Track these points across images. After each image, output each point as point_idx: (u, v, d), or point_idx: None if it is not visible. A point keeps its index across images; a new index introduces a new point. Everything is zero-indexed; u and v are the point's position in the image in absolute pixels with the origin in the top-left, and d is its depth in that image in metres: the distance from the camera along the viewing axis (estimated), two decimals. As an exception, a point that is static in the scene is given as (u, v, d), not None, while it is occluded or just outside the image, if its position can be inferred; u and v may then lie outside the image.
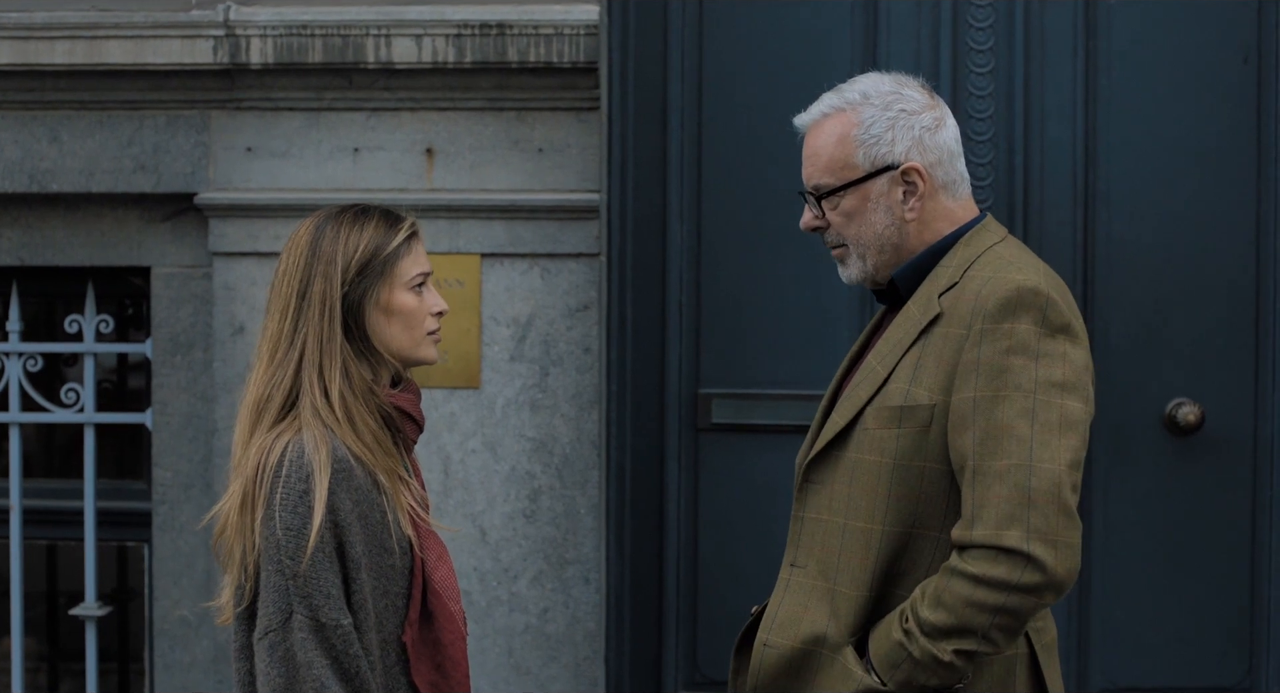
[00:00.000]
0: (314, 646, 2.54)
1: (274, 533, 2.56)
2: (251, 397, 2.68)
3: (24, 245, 4.79)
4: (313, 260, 2.69)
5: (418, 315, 2.74)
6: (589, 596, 4.56)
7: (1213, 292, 4.38)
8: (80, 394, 4.80)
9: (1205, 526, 4.40)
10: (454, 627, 2.71)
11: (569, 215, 4.52)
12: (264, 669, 2.58)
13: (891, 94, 2.78)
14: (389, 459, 2.67)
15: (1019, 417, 2.54)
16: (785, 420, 4.41)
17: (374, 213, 2.75)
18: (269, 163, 4.60)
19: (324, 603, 2.55)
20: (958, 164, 2.78)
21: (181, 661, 4.74)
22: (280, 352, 2.67)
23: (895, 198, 2.75)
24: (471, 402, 4.56)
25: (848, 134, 2.76)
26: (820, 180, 2.80)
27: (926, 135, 2.75)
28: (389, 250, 2.71)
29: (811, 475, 2.79)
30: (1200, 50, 4.36)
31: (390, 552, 2.65)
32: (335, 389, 2.64)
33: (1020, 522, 2.50)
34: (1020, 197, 4.35)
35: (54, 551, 5.32)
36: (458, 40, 4.46)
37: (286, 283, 2.70)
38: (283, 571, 2.55)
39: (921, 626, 2.56)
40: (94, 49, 4.55)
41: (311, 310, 2.67)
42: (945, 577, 2.55)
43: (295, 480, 2.56)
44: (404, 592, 2.68)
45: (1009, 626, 2.54)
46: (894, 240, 2.76)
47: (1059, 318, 2.60)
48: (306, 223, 2.76)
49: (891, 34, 4.35)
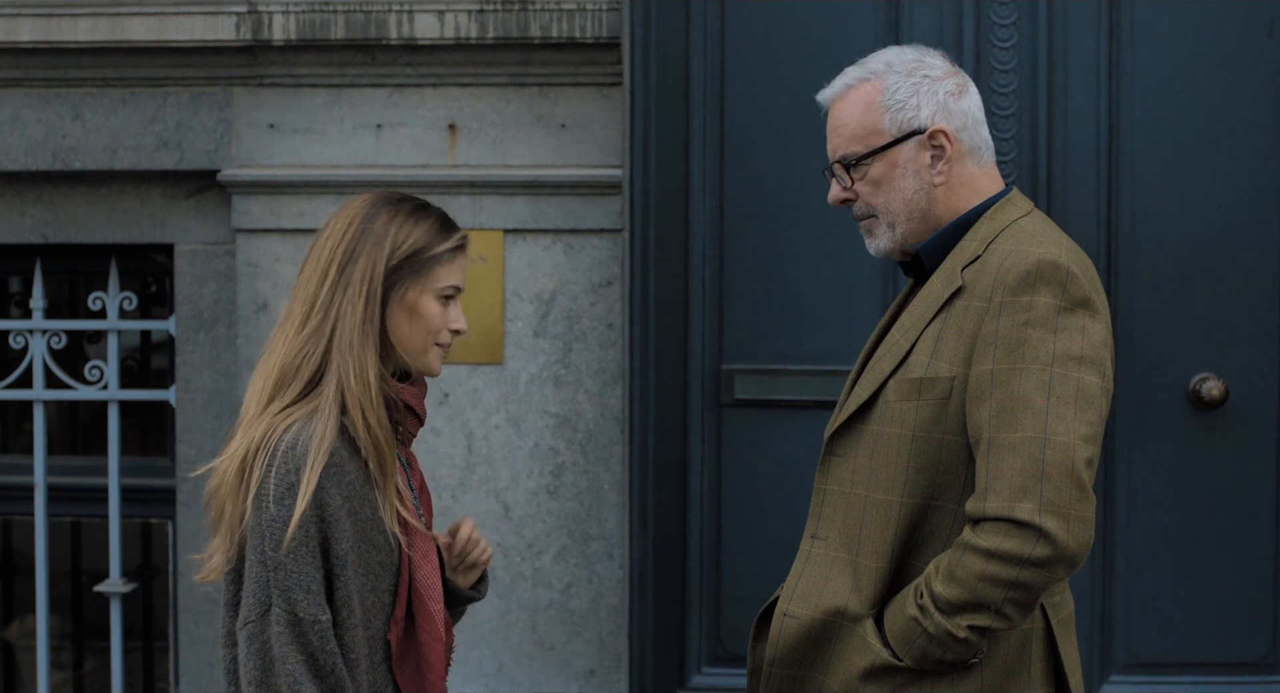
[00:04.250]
0: (289, 640, 2.52)
1: (260, 521, 2.54)
2: (280, 359, 2.64)
3: (47, 223, 4.80)
4: (364, 236, 2.66)
5: (436, 323, 2.70)
6: (612, 571, 4.57)
7: (1236, 265, 4.37)
8: (104, 371, 4.81)
9: (1228, 501, 4.40)
10: (431, 627, 2.68)
11: (592, 191, 4.52)
12: (243, 659, 2.56)
13: (914, 62, 2.80)
14: (390, 453, 2.64)
15: (1035, 389, 2.54)
16: (808, 396, 4.41)
17: (433, 213, 2.73)
18: (292, 139, 4.60)
19: (302, 597, 2.53)
20: (982, 130, 2.80)
21: (206, 637, 4.75)
22: (314, 320, 2.64)
23: (923, 162, 2.75)
24: (495, 378, 4.56)
25: (873, 101, 2.77)
26: (847, 150, 2.80)
27: (950, 100, 2.77)
28: (434, 252, 2.69)
29: (834, 448, 2.80)
30: (1223, 23, 4.34)
31: (379, 548, 2.63)
32: (373, 372, 2.61)
33: (1033, 494, 2.50)
34: (1044, 170, 4.33)
35: (78, 528, 5.35)
36: (480, 16, 4.46)
37: (331, 250, 2.67)
38: (264, 561, 2.54)
39: (936, 601, 2.56)
40: (117, 26, 4.56)
41: (351, 286, 2.63)
42: (958, 552, 2.56)
43: (287, 471, 2.54)
44: (391, 589, 2.66)
45: (1022, 600, 2.54)
46: (923, 206, 2.76)
47: (1079, 292, 2.60)
48: (365, 197, 2.73)
49: (915, 7, 4.34)
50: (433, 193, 4.48)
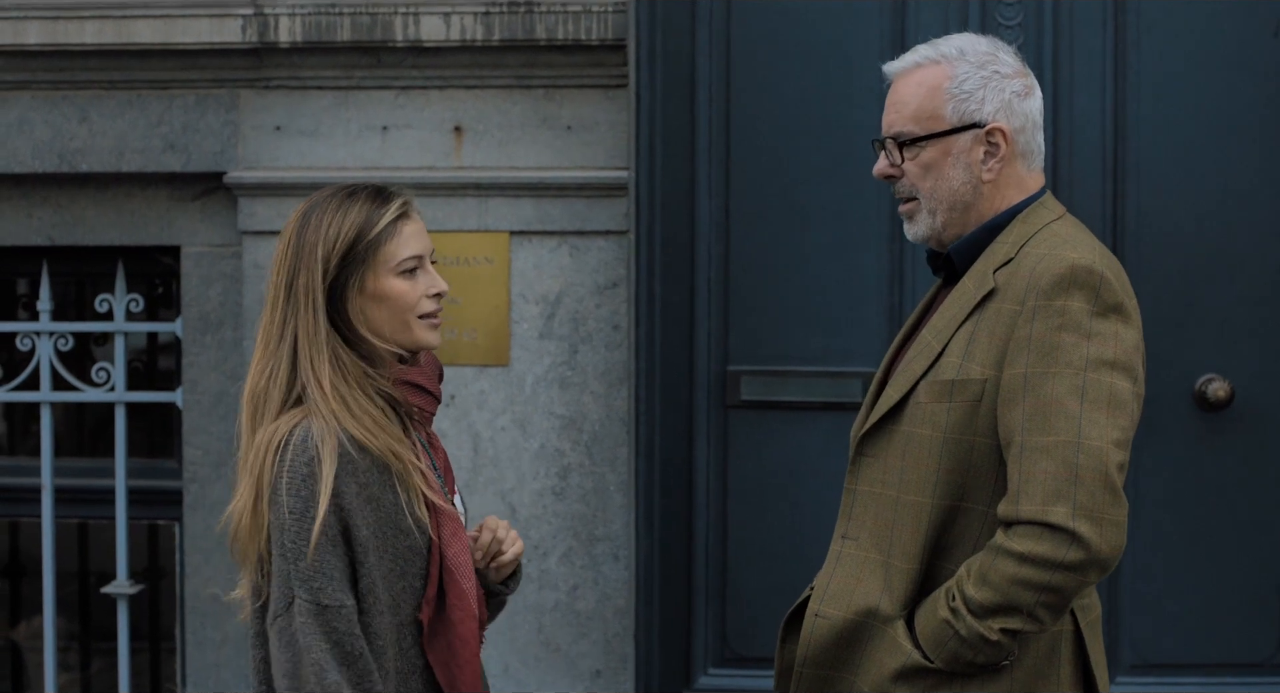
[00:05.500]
0: (314, 629, 2.53)
1: (279, 516, 2.55)
2: (249, 386, 2.66)
3: (54, 225, 4.81)
4: (298, 250, 2.65)
5: (406, 300, 2.68)
6: (618, 572, 4.57)
7: (1242, 266, 4.37)
8: (111, 373, 4.82)
9: (1234, 501, 4.40)
10: (464, 605, 2.68)
11: (597, 193, 4.52)
12: (274, 654, 2.58)
13: (987, 54, 2.78)
14: (394, 442, 2.63)
15: (1068, 394, 2.54)
16: (814, 397, 4.42)
17: (360, 195, 2.69)
18: (298, 141, 4.61)
19: (325, 585, 2.54)
20: (1038, 135, 2.80)
21: (213, 638, 4.75)
22: (272, 343, 2.65)
23: (976, 157, 2.75)
24: (501, 379, 4.57)
25: (939, 85, 2.76)
26: (904, 128, 2.79)
27: (1016, 100, 2.76)
28: (373, 235, 2.65)
29: (865, 449, 2.79)
30: (1229, 22, 4.34)
31: (406, 532, 2.63)
32: (326, 382, 2.61)
33: (1066, 498, 2.50)
34: (1049, 170, 4.31)
35: (85, 529, 5.35)
36: (486, 18, 4.47)
37: (276, 274, 2.67)
38: (285, 554, 2.55)
39: (968, 604, 2.56)
40: (123, 29, 4.57)
41: (297, 303, 2.64)
42: (991, 555, 2.56)
43: (299, 463, 2.55)
44: (421, 572, 2.66)
45: (1055, 603, 2.54)
46: (966, 199, 2.76)
47: (1112, 297, 2.60)
48: (299, 207, 2.71)
49: (921, 7, 4.34)
50: (438, 195, 4.49)
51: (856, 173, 4.24)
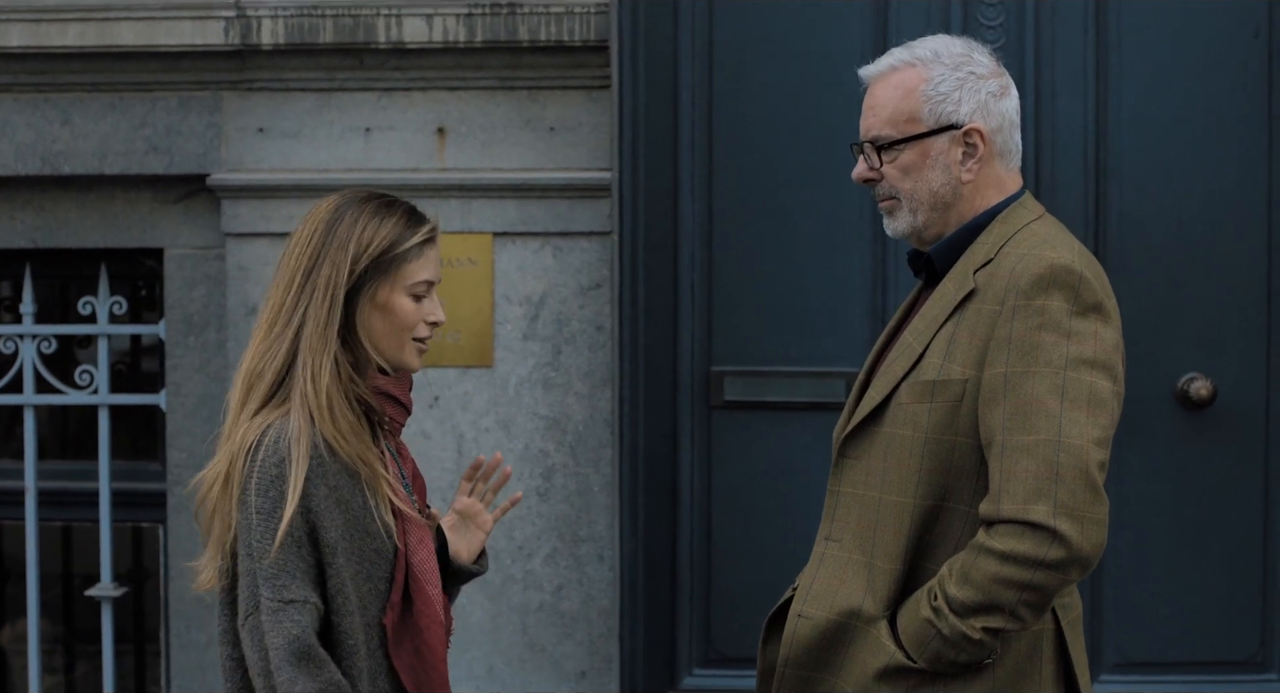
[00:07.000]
0: (277, 626, 2.54)
1: (247, 516, 2.57)
2: (245, 366, 2.68)
3: (37, 228, 4.80)
4: (327, 241, 2.68)
5: (410, 321, 2.72)
6: (603, 573, 4.57)
7: (1224, 266, 4.38)
8: (94, 376, 4.81)
9: (1217, 500, 4.41)
10: (430, 611, 2.70)
11: (581, 194, 4.52)
12: (248, 654, 2.60)
13: (962, 56, 2.79)
14: (365, 448, 2.65)
15: (1048, 393, 2.55)
16: (797, 398, 4.43)
17: (399, 208, 2.73)
18: (281, 143, 4.61)
19: (288, 582, 2.55)
20: (1015, 135, 2.80)
21: (197, 640, 4.75)
22: (279, 326, 2.67)
23: (954, 158, 2.76)
24: (484, 380, 4.57)
25: (915, 88, 2.77)
26: (881, 132, 2.79)
27: (992, 101, 2.77)
28: (401, 250, 2.69)
29: (847, 450, 2.80)
30: (1210, 24, 4.36)
31: (373, 536, 2.65)
32: (324, 379, 2.63)
33: (1047, 497, 2.51)
34: (1031, 171, 4.34)
35: (69, 532, 5.34)
36: (468, 19, 4.47)
37: (296, 257, 2.69)
38: (251, 553, 2.56)
39: (950, 603, 2.57)
40: (105, 31, 4.56)
41: (315, 293, 2.66)
42: (972, 554, 2.57)
43: (270, 464, 2.57)
44: (387, 576, 2.67)
45: (1036, 602, 2.55)
46: (946, 199, 2.77)
47: (1091, 296, 2.61)
48: (331, 199, 2.74)
49: (902, 11, 4.35)
50: (422, 196, 4.48)
51: (839, 174, 4.23)
